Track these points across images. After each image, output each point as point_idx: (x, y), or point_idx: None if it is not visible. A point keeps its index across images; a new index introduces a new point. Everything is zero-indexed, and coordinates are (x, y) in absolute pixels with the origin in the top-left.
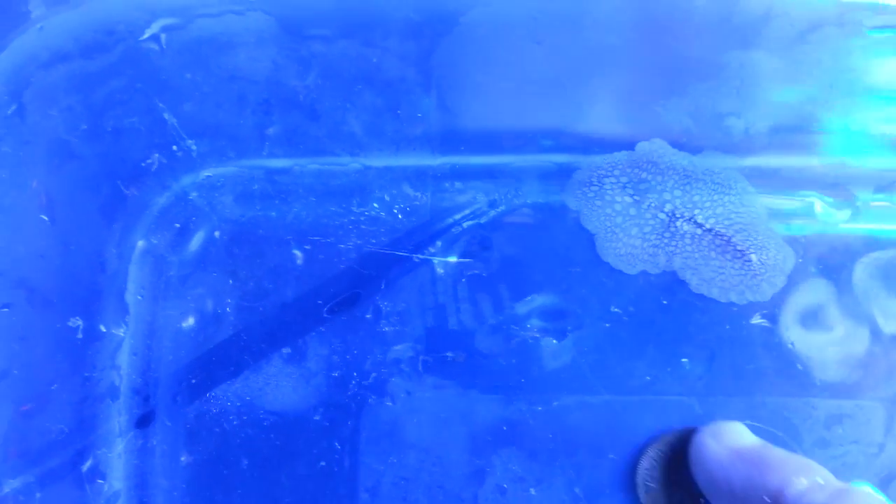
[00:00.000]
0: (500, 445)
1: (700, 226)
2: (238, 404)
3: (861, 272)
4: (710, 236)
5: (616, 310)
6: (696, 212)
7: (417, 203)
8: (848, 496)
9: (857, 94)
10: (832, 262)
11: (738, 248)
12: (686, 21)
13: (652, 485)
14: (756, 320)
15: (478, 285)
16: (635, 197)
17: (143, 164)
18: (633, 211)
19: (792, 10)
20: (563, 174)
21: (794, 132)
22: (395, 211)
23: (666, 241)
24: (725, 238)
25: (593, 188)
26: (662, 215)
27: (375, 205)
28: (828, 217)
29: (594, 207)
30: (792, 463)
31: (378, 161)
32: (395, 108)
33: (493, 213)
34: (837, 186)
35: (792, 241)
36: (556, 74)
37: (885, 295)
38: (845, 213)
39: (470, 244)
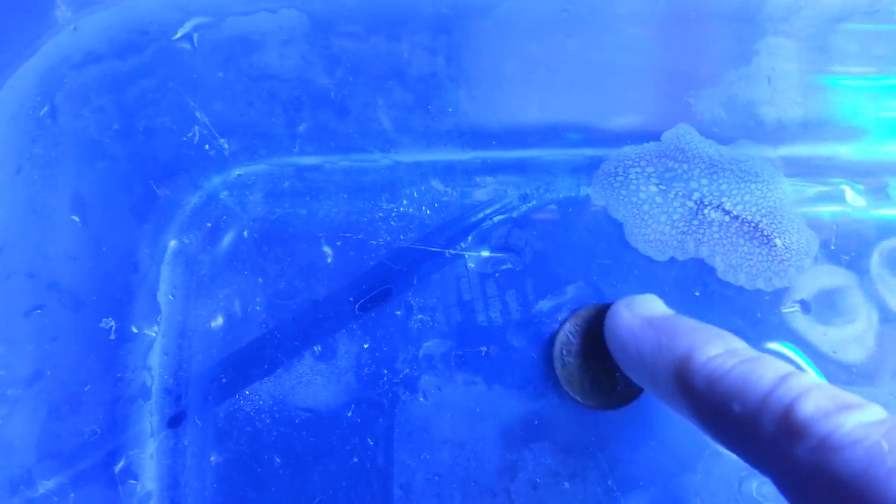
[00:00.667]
0: (532, 439)
1: (728, 213)
2: (270, 403)
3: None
4: (737, 223)
5: None
6: (724, 199)
7: (447, 198)
8: (759, 362)
9: (888, 82)
10: (861, 250)
11: (765, 233)
12: (715, 10)
13: (569, 359)
14: (787, 308)
15: (509, 279)
16: (661, 186)
17: (174, 163)
18: (659, 199)
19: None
20: (593, 168)
21: (826, 120)
22: (425, 207)
23: (694, 228)
24: (753, 224)
25: (619, 178)
26: (690, 203)
27: (405, 201)
28: (859, 204)
29: (620, 197)
30: (703, 331)
31: (408, 156)
32: (425, 104)
33: (524, 207)
34: (869, 174)
35: (822, 228)
36: (586, 67)
37: None
38: (877, 201)
39: (501, 239)
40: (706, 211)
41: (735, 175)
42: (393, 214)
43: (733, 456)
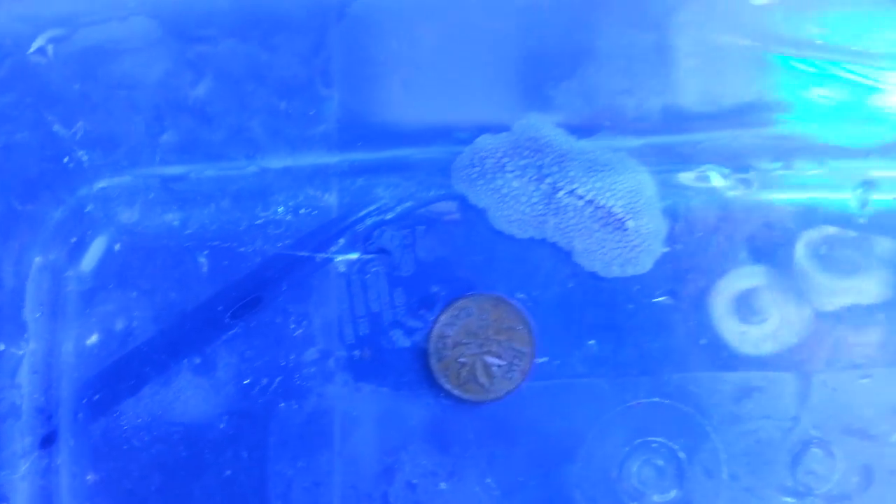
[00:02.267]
0: (408, 440)
1: (581, 197)
2: (147, 419)
3: (756, 240)
4: (591, 208)
5: (521, 296)
6: (576, 185)
7: (323, 203)
8: None
9: (746, 64)
10: (729, 232)
11: (618, 216)
12: (569, 4)
13: (445, 352)
14: (658, 298)
15: (382, 280)
16: (516, 173)
17: (36, 179)
18: (516, 184)
19: None
20: None
21: (687, 107)
22: (302, 212)
23: (552, 210)
24: (606, 209)
25: (475, 169)
26: (544, 186)
27: (280, 208)
28: (727, 188)
29: (477, 186)
30: None
31: (276, 163)
32: (288, 107)
33: (399, 208)
34: (735, 158)
35: (689, 213)
36: (447, 63)
37: (787, 263)
38: (744, 184)
39: (373, 240)
40: (560, 195)
41: (583, 164)
42: (266, 221)
43: (615, 437)
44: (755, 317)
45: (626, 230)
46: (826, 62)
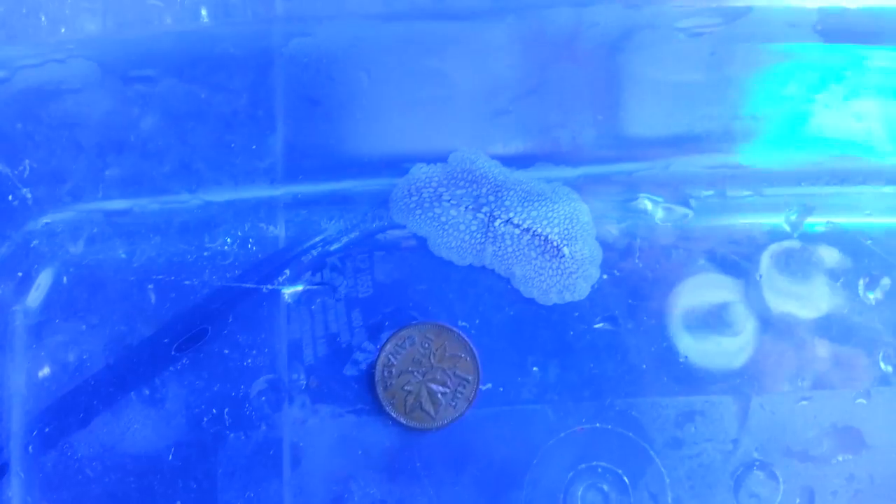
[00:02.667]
0: (356, 469)
1: (518, 226)
2: (99, 450)
3: (696, 265)
4: (528, 236)
5: (463, 324)
6: (512, 214)
7: (269, 234)
8: None
9: (677, 95)
10: (666, 259)
11: (554, 244)
12: (501, 40)
13: (391, 381)
14: (598, 324)
15: (328, 310)
16: (452, 202)
17: None
18: (453, 212)
19: (602, 18)
20: None
21: (620, 138)
22: (243, 245)
23: (490, 238)
24: (542, 237)
25: (413, 198)
26: (481, 215)
27: (228, 239)
28: (662, 216)
29: (416, 216)
30: None
31: (220, 196)
32: (232, 142)
33: (345, 239)
34: (668, 186)
35: (629, 239)
36: (384, 100)
37: (730, 286)
38: (679, 211)
39: (318, 271)
40: (497, 224)
41: (519, 194)
42: (213, 253)
43: (560, 463)
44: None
45: (562, 257)
46: (758, 91)
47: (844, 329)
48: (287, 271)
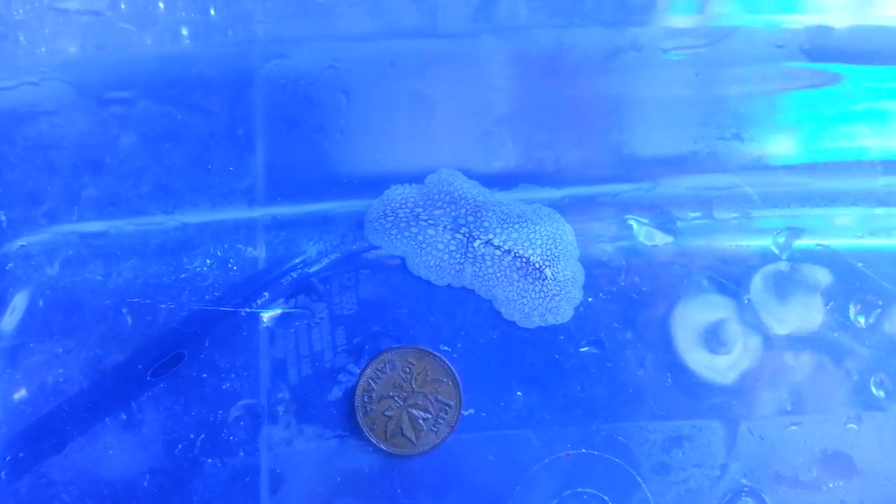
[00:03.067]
0: (335, 496)
1: (498, 247)
2: (75, 475)
3: (685, 287)
4: (509, 257)
5: (445, 347)
6: (491, 236)
7: (248, 256)
8: None
9: (662, 116)
10: (654, 281)
11: (536, 265)
12: (483, 61)
13: (371, 406)
14: (584, 348)
15: (307, 334)
16: (430, 221)
17: None
18: (431, 231)
19: (582, 40)
20: None
21: (605, 159)
22: (229, 266)
23: (470, 259)
24: (524, 258)
25: (389, 219)
26: (459, 236)
27: (208, 261)
28: (648, 238)
29: (392, 236)
30: None
31: (196, 217)
32: (205, 164)
33: (325, 260)
34: (654, 208)
35: (612, 263)
36: (368, 119)
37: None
38: (665, 234)
39: (297, 294)
40: (476, 245)
41: (498, 215)
42: (191, 275)
43: (545, 489)
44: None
45: (544, 279)
46: (744, 112)
47: (835, 353)
48: (266, 294)
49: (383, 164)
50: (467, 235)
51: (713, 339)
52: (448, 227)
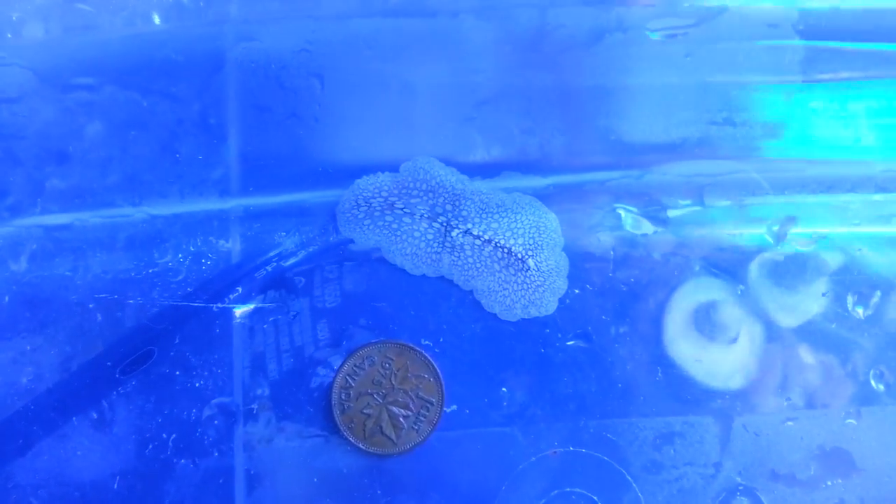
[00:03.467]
0: (314, 498)
1: (478, 237)
2: (45, 476)
3: (674, 279)
4: (489, 247)
5: (427, 342)
6: (470, 225)
7: (221, 249)
8: None
9: (651, 100)
10: (648, 274)
11: (518, 256)
12: (463, 43)
13: (348, 403)
14: (571, 342)
15: (282, 329)
16: (406, 210)
17: None
18: (407, 220)
19: (567, 20)
20: None
21: (592, 146)
22: (201, 260)
23: (448, 248)
24: (505, 248)
25: (362, 209)
26: (437, 224)
27: (180, 255)
28: (637, 227)
29: (365, 227)
30: None
31: (165, 209)
32: (174, 153)
33: (302, 253)
34: (643, 196)
35: (601, 254)
36: (344, 106)
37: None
38: (655, 222)
39: (272, 288)
40: (454, 234)
41: (476, 204)
42: (162, 270)
43: (531, 489)
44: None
45: (527, 270)
46: (736, 95)
47: (833, 345)
48: (239, 288)
49: (361, 152)
50: (445, 224)
51: (706, 331)
52: (425, 215)
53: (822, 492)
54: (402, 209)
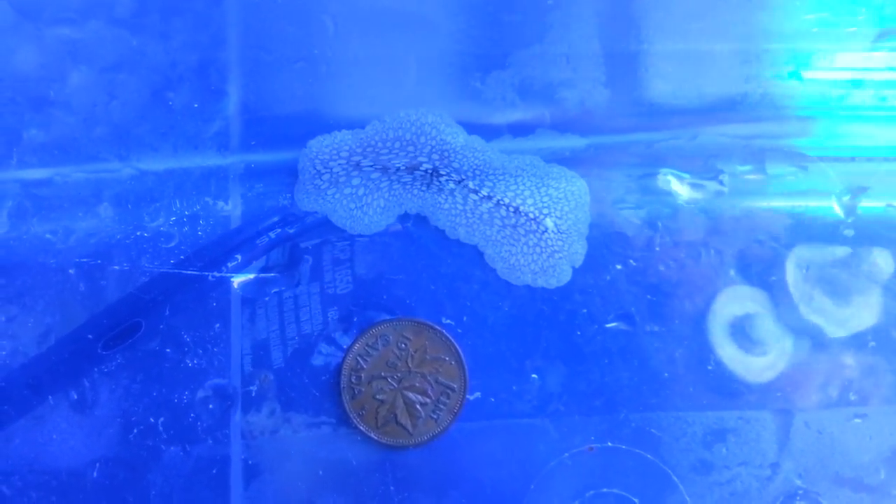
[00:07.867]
0: (317, 493)
1: (475, 191)
2: (20, 462)
3: (727, 252)
4: (489, 204)
5: (448, 321)
6: (462, 177)
7: (218, 212)
8: None
9: (706, 51)
10: (700, 249)
11: (530, 216)
12: None
13: (359, 388)
14: (612, 324)
15: (285, 303)
16: (377, 166)
17: None
18: (375, 175)
19: None
20: None
21: (639, 101)
22: (196, 223)
23: (434, 193)
24: (512, 208)
25: (324, 177)
26: (420, 172)
27: (172, 217)
28: (688, 196)
29: (327, 197)
30: None
31: (156, 165)
32: (166, 99)
33: (309, 218)
34: (696, 160)
35: (648, 223)
36: (355, 53)
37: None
38: (709, 190)
39: (274, 257)
40: (442, 180)
41: (469, 159)
42: (150, 235)
43: (564, 489)
44: (750, 343)
45: (545, 230)
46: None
47: None
48: (238, 256)
49: (375, 104)
50: (430, 172)
51: (761, 318)
52: (401, 167)
53: (892, 499)
54: (371, 165)
